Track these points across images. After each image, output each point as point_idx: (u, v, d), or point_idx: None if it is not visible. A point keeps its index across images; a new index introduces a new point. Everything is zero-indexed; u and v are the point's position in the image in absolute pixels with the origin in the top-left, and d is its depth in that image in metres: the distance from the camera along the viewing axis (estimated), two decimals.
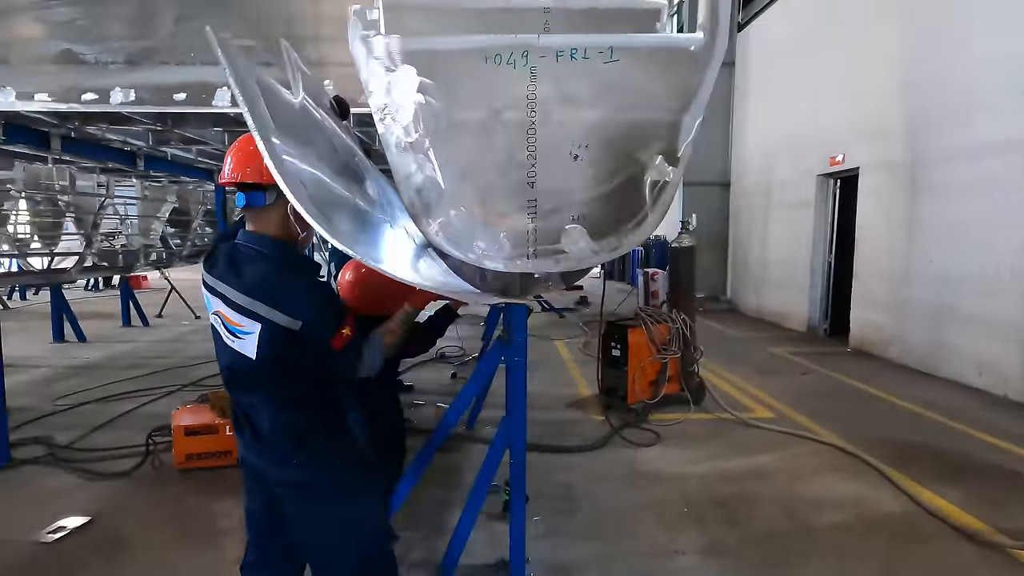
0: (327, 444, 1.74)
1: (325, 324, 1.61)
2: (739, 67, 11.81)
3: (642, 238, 1.46)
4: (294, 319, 1.57)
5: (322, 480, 1.74)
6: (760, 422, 4.75)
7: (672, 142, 1.42)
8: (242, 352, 1.64)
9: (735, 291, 11.77)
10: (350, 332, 1.64)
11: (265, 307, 1.58)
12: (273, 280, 1.60)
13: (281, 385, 1.68)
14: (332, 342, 1.62)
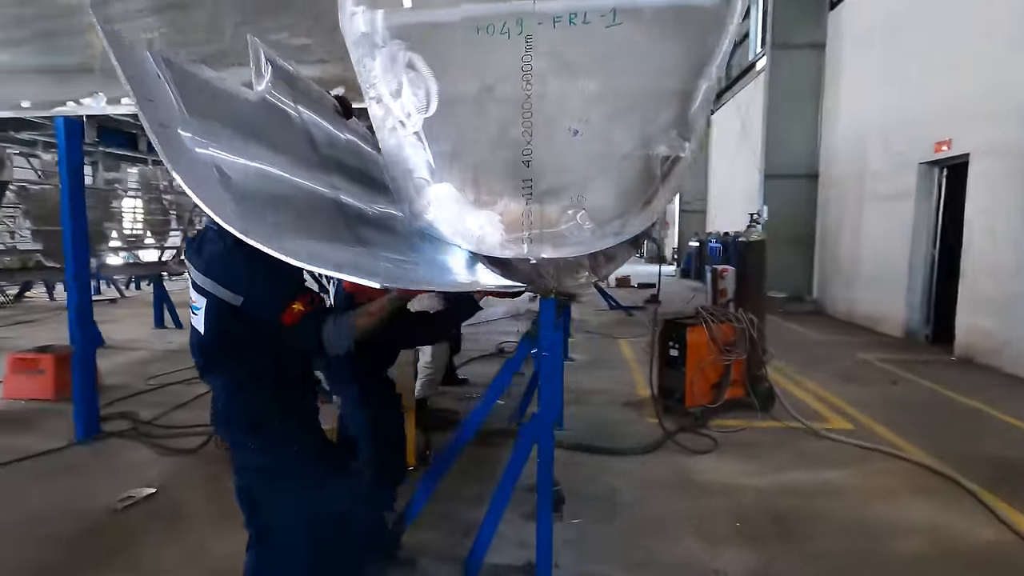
0: (283, 428, 1.74)
1: (268, 299, 1.60)
2: (831, 49, 10.89)
3: (650, 220, 1.32)
4: (236, 294, 1.59)
5: (280, 465, 1.76)
6: (834, 433, 4.32)
7: (684, 112, 1.26)
8: (197, 328, 1.70)
9: (822, 291, 10.89)
10: (303, 307, 1.61)
11: (211, 282, 1.63)
12: (221, 256, 1.63)
13: (232, 363, 1.69)
14: (282, 318, 1.60)
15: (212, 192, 0.93)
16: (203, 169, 0.93)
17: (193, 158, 0.93)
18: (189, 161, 0.93)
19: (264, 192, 1.05)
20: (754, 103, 13.58)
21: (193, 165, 0.94)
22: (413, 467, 3.66)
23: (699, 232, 19.17)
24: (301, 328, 1.62)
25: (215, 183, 0.94)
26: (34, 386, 5.16)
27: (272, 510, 1.80)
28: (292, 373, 1.79)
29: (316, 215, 1.26)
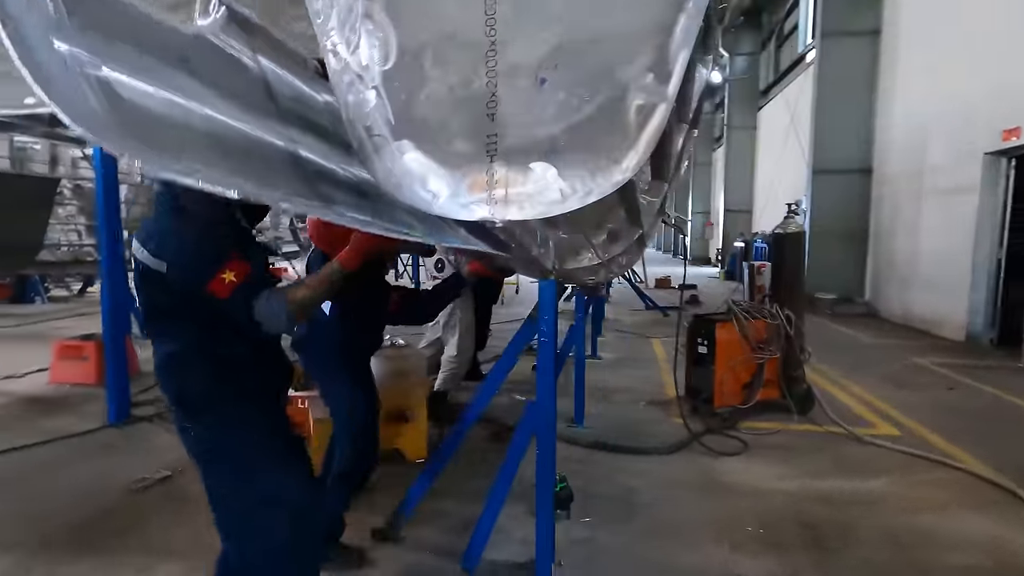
0: (222, 411, 1.61)
1: (194, 267, 1.48)
2: (886, 35, 10.25)
3: (621, 177, 1.18)
4: (159, 259, 1.50)
5: (219, 453, 1.63)
6: (879, 439, 3.99)
7: (663, 53, 1.12)
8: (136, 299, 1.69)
9: (875, 292, 10.24)
10: (236, 279, 1.48)
11: (138, 246, 1.55)
12: (151, 220, 1.55)
13: (165, 338, 1.59)
14: (210, 287, 1.47)
15: (84, 107, 0.83)
16: (75, 83, 0.84)
17: (62, 72, 0.84)
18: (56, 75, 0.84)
19: (177, 122, 0.96)
20: (803, 97, 12.96)
21: (61, 79, 0.84)
22: (424, 460, 3.60)
23: (744, 232, 18.49)
24: (232, 302, 1.49)
25: (92, 98, 0.84)
26: (78, 371, 5.40)
27: (218, 503, 1.67)
28: (237, 351, 1.63)
29: (254, 160, 1.14)
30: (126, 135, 0.85)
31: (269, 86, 1.27)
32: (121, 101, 0.86)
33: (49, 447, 3.89)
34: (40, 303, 10.97)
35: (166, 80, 0.96)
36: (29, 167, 7.87)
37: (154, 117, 0.91)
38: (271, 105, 1.23)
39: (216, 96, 1.05)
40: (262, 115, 1.16)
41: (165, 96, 0.93)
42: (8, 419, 4.50)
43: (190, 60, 1.04)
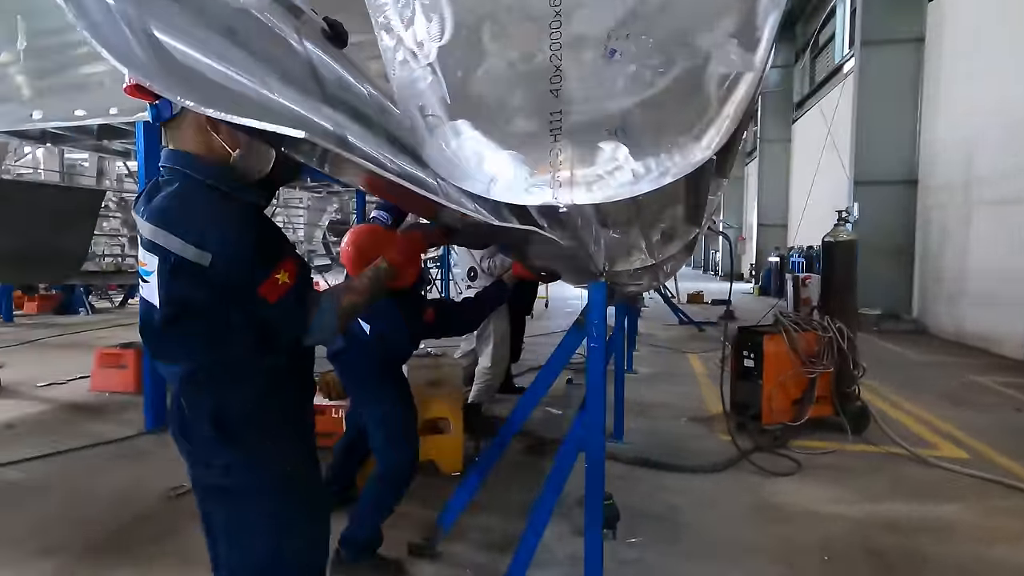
0: (260, 441, 1.32)
1: (247, 261, 1.20)
2: (930, 43, 9.92)
3: (704, 154, 1.07)
4: (201, 250, 1.18)
5: (246, 491, 1.32)
6: (945, 462, 3.71)
7: (750, 16, 1.01)
8: (149, 300, 1.28)
9: (923, 309, 9.78)
10: (290, 280, 1.24)
11: (165, 233, 1.21)
12: (181, 202, 1.23)
13: (195, 347, 1.27)
14: (261, 289, 1.21)
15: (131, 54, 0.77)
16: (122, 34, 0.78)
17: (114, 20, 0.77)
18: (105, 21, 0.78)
19: (229, 88, 0.87)
20: (841, 108, 12.63)
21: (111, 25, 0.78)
22: (460, 473, 3.48)
23: (779, 247, 18.01)
24: (283, 306, 1.24)
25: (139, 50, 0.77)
26: (117, 379, 5.48)
27: (232, 547, 1.38)
28: (279, 366, 1.35)
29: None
30: (173, 83, 0.78)
31: (315, 69, 1.20)
32: (170, 57, 0.79)
33: (89, 452, 3.92)
34: (84, 314, 11.33)
35: (213, 48, 0.90)
36: (77, 180, 8.15)
37: (203, 77, 0.84)
38: (318, 88, 1.16)
39: (265, 71, 0.98)
40: (310, 96, 1.09)
41: (213, 64, 0.86)
42: (52, 423, 4.57)
43: (237, 32, 0.98)
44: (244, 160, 1.29)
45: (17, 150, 6.99)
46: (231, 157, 1.27)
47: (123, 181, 8.98)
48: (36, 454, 3.81)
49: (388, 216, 2.74)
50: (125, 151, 5.89)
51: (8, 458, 3.73)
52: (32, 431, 4.38)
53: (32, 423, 4.57)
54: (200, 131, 1.27)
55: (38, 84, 4.49)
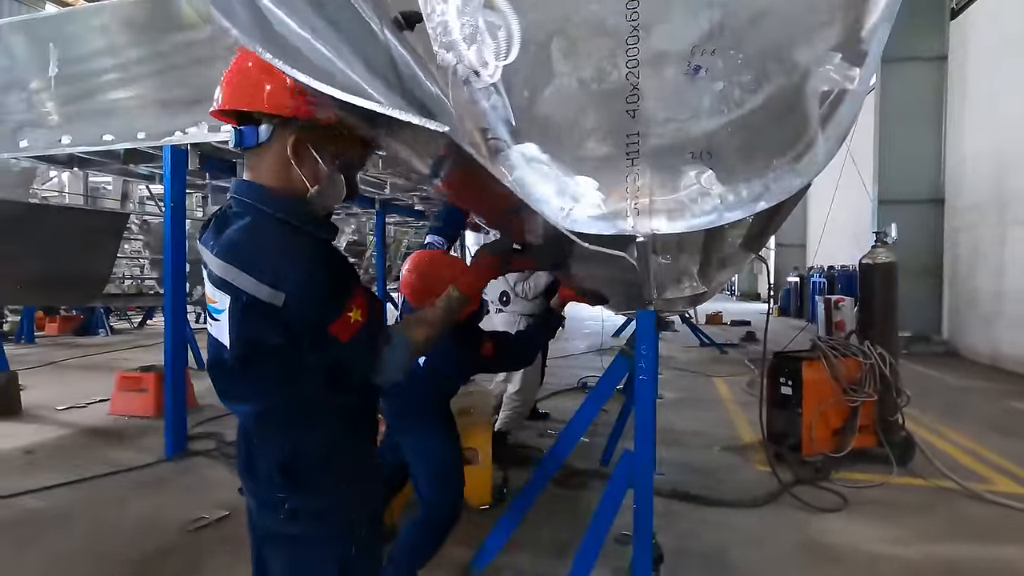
0: (331, 486, 1.26)
1: (321, 300, 1.15)
2: (954, 61, 9.81)
3: (806, 178, 0.97)
4: (275, 289, 1.12)
5: (312, 538, 1.26)
6: (1003, 497, 3.50)
7: (855, 27, 0.92)
8: (218, 338, 1.23)
9: (955, 331, 9.49)
10: (362, 318, 1.17)
11: (236, 271, 1.16)
12: (253, 237, 1.17)
13: (267, 387, 1.21)
14: (332, 328, 1.15)
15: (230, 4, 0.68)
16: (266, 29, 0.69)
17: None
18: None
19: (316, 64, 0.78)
20: (861, 124, 12.45)
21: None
22: (489, 506, 3.34)
23: (798, 267, 17.74)
24: (355, 345, 1.17)
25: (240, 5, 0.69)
26: (137, 403, 5.42)
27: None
28: (350, 406, 1.29)
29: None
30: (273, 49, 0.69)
31: (394, 61, 1.11)
32: (264, 18, 0.71)
33: (109, 480, 3.84)
34: (104, 335, 11.39)
35: (304, 16, 0.81)
36: (101, 203, 8.25)
37: (293, 46, 0.75)
38: (396, 80, 1.07)
39: (350, 52, 0.89)
40: (388, 87, 1.00)
41: (304, 34, 0.77)
42: (72, 449, 4.50)
43: (326, 6, 0.89)
44: (321, 194, 1.23)
45: (44, 174, 7.09)
46: (308, 192, 1.21)
47: (145, 204, 9.08)
48: (56, 482, 3.73)
49: (443, 241, 2.63)
50: (150, 175, 5.93)
51: (28, 486, 3.66)
52: (52, 457, 4.31)
53: (51, 448, 4.51)
54: (282, 163, 1.20)
55: (67, 110, 4.55)
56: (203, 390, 6.36)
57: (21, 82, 4.61)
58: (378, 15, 1.13)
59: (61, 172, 7.63)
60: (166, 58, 4.20)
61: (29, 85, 4.60)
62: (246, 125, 1.18)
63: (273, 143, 1.18)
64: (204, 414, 5.43)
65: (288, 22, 0.75)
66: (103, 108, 4.42)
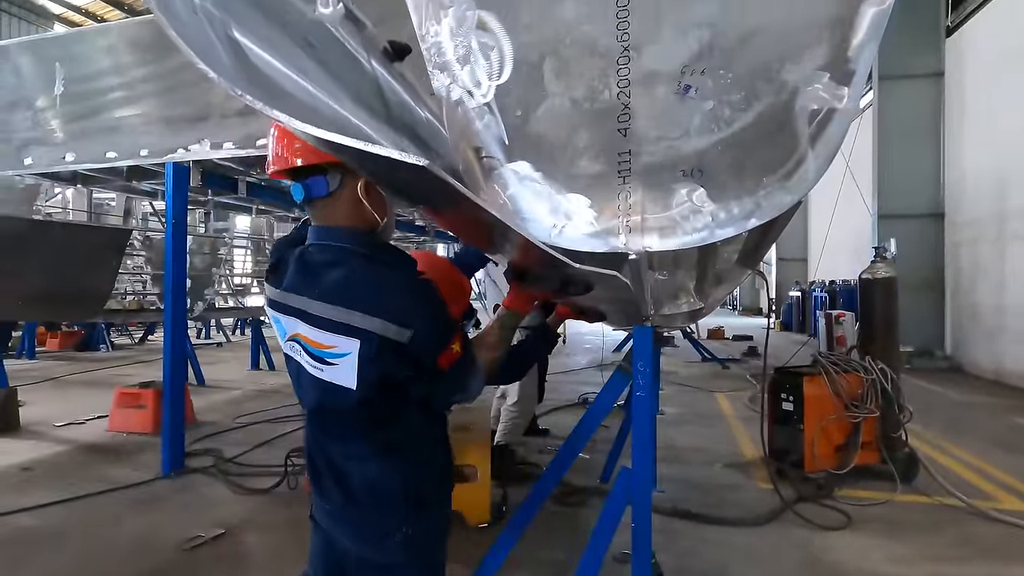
0: (428, 514, 1.35)
1: (438, 334, 1.24)
2: (951, 78, 9.90)
3: (796, 195, 0.97)
4: (403, 327, 1.19)
5: (406, 567, 1.34)
6: (1010, 516, 3.45)
7: (842, 47, 0.93)
8: (337, 383, 1.26)
9: (958, 346, 9.44)
10: (461, 349, 1.26)
11: (362, 316, 1.21)
12: (368, 280, 1.23)
13: (386, 422, 1.30)
14: (441, 359, 1.24)
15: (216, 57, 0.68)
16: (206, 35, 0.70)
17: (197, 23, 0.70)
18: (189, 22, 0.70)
19: (304, 102, 0.79)
20: (860, 141, 12.56)
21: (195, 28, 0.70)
22: (487, 524, 3.31)
23: (800, 281, 17.73)
24: (453, 375, 1.28)
25: (223, 53, 0.70)
26: (136, 420, 5.40)
27: None
28: (440, 434, 1.41)
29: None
30: (255, 91, 0.70)
31: (381, 90, 1.13)
32: (249, 63, 0.72)
33: (105, 498, 3.81)
34: (105, 350, 11.38)
35: (291, 58, 0.82)
36: (104, 219, 8.30)
37: (281, 88, 0.76)
38: (383, 109, 1.09)
39: (337, 88, 0.90)
40: (376, 117, 1.02)
41: (290, 74, 0.79)
42: (69, 466, 4.47)
43: (315, 47, 0.91)
44: (387, 226, 1.33)
45: (48, 190, 7.15)
46: (379, 225, 1.30)
47: (148, 220, 9.13)
48: (52, 499, 3.71)
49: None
50: (153, 191, 5.98)
51: (23, 503, 3.63)
52: (48, 474, 4.29)
53: (48, 465, 4.49)
54: (356, 203, 1.27)
55: (71, 128, 4.60)
56: (202, 406, 6.35)
57: (27, 100, 4.67)
58: (366, 48, 1.15)
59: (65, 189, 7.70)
60: (171, 77, 4.26)
61: (35, 103, 4.66)
62: (308, 178, 1.25)
63: (344, 188, 1.25)
64: (203, 431, 5.41)
65: (275, 63, 0.77)
66: (107, 126, 4.47)
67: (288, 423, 5.74)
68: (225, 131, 4.12)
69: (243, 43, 0.73)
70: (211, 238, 7.75)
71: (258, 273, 10.02)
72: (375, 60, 1.19)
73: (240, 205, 6.83)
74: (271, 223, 8.63)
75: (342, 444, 1.33)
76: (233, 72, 0.69)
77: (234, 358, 10.75)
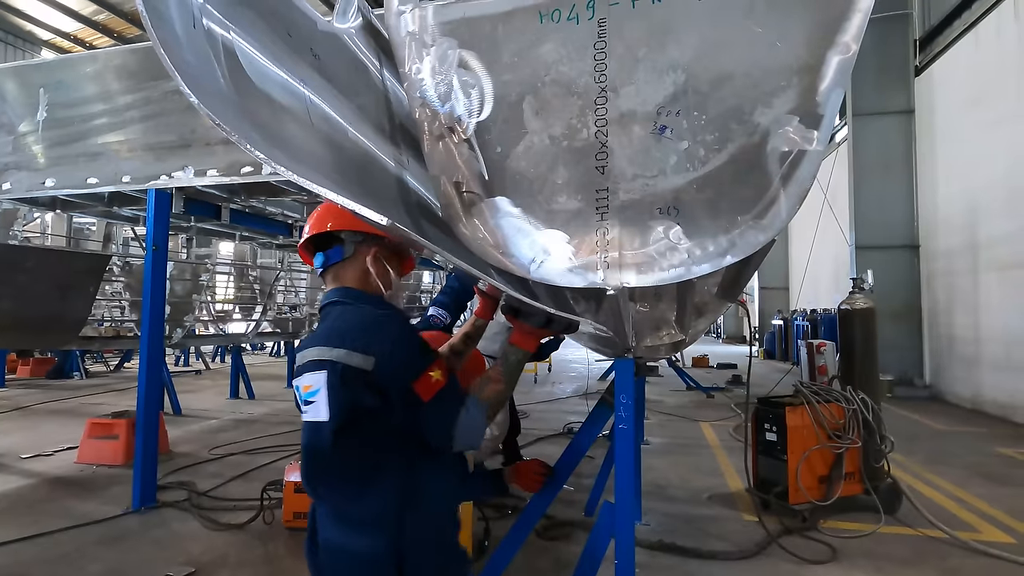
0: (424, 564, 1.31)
1: (403, 359, 1.26)
2: (920, 115, 10.29)
3: (769, 234, 0.99)
4: (365, 355, 1.25)
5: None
6: (993, 547, 3.45)
7: (810, 92, 0.97)
8: (316, 420, 1.29)
9: (936, 374, 9.58)
10: (443, 378, 1.26)
11: (330, 349, 1.28)
12: (345, 319, 1.33)
13: (360, 455, 1.29)
14: (416, 385, 1.25)
15: (210, 81, 0.68)
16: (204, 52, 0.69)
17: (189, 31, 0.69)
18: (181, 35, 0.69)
19: (297, 117, 0.79)
20: (836, 174, 12.94)
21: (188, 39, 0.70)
22: (470, 559, 3.22)
23: (782, 310, 17.96)
24: (435, 405, 1.26)
25: (218, 71, 0.69)
26: (106, 451, 5.23)
27: None
28: (427, 478, 1.35)
29: (359, 174, 0.98)
30: (244, 119, 0.70)
31: (389, 102, 1.14)
32: (244, 77, 0.72)
33: (70, 534, 3.65)
34: (78, 378, 11.08)
35: (290, 66, 0.83)
36: (83, 245, 8.17)
37: (275, 105, 0.76)
38: (386, 122, 1.09)
39: (337, 97, 0.90)
40: (378, 130, 1.02)
41: (287, 82, 0.79)
42: (33, 501, 4.30)
43: (319, 57, 0.92)
44: (392, 298, 1.41)
45: (26, 215, 7.04)
46: (384, 295, 1.40)
47: (129, 245, 9.02)
48: (12, 537, 3.54)
49: (446, 315, 2.58)
50: (134, 217, 5.92)
51: None
52: (10, 509, 4.11)
53: (12, 500, 4.30)
54: (362, 272, 1.38)
55: (53, 153, 4.56)
56: (177, 437, 6.18)
57: (8, 125, 4.64)
58: (378, 59, 1.16)
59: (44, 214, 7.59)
60: (156, 104, 4.26)
61: (17, 128, 4.62)
62: (331, 247, 1.36)
63: (357, 257, 1.36)
64: (177, 462, 5.25)
65: (271, 71, 0.77)
66: (90, 152, 4.45)
67: (266, 454, 5.60)
68: (209, 158, 4.12)
69: (239, 47, 0.73)
70: (192, 264, 7.65)
71: (240, 299, 9.93)
72: (388, 72, 1.20)
73: (223, 231, 6.78)
74: (255, 249, 8.57)
75: (331, 489, 1.35)
76: (227, 98, 0.69)
77: (213, 386, 10.53)
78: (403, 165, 1.04)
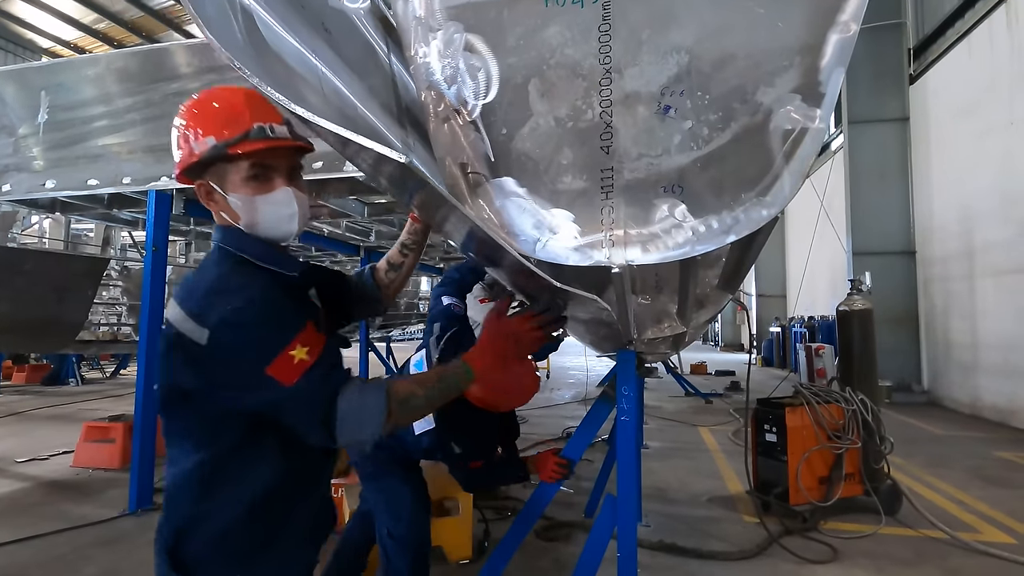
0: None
1: (250, 337, 0.96)
2: (915, 123, 10.38)
3: (774, 210, 1.00)
4: (199, 324, 0.96)
5: None
6: (993, 548, 3.44)
7: (812, 71, 0.98)
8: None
9: (934, 380, 9.59)
10: (309, 358, 0.96)
11: (175, 304, 1.03)
12: (199, 273, 1.07)
13: (178, 441, 1.04)
14: (271, 369, 0.94)
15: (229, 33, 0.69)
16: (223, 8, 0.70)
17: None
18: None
19: (310, 82, 0.80)
20: (833, 183, 13.03)
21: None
22: (469, 560, 3.21)
23: (779, 317, 17.99)
24: (300, 391, 0.95)
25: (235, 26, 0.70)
26: (103, 455, 5.19)
27: None
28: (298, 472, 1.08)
29: None
30: (264, 72, 0.71)
31: (395, 86, 1.15)
32: (260, 39, 0.73)
33: (65, 536, 3.61)
34: (74, 384, 11.01)
35: (304, 37, 0.84)
36: (81, 248, 8.17)
37: (288, 66, 0.77)
38: (394, 104, 1.10)
39: (348, 73, 0.92)
40: (385, 111, 1.03)
41: (300, 53, 0.80)
42: (28, 504, 4.26)
43: (331, 32, 0.93)
44: (255, 225, 1.09)
45: (25, 219, 7.04)
46: (237, 220, 1.10)
47: (127, 250, 9.02)
48: (8, 539, 3.51)
49: (460, 302, 2.42)
50: (134, 220, 5.91)
51: None
52: (6, 512, 4.07)
53: (6, 503, 4.26)
54: (208, 201, 1.13)
55: (53, 155, 4.57)
56: None
57: (9, 128, 4.65)
58: (387, 44, 1.17)
59: (43, 218, 7.59)
60: (156, 106, 4.28)
61: (17, 130, 4.64)
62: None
63: (201, 185, 1.16)
64: None
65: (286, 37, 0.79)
66: (90, 153, 4.46)
67: None
68: None
69: (256, 12, 0.75)
70: (192, 268, 7.64)
71: None
72: (395, 57, 1.21)
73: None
74: None
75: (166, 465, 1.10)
76: (244, 49, 0.70)
77: None
78: (409, 147, 1.05)
